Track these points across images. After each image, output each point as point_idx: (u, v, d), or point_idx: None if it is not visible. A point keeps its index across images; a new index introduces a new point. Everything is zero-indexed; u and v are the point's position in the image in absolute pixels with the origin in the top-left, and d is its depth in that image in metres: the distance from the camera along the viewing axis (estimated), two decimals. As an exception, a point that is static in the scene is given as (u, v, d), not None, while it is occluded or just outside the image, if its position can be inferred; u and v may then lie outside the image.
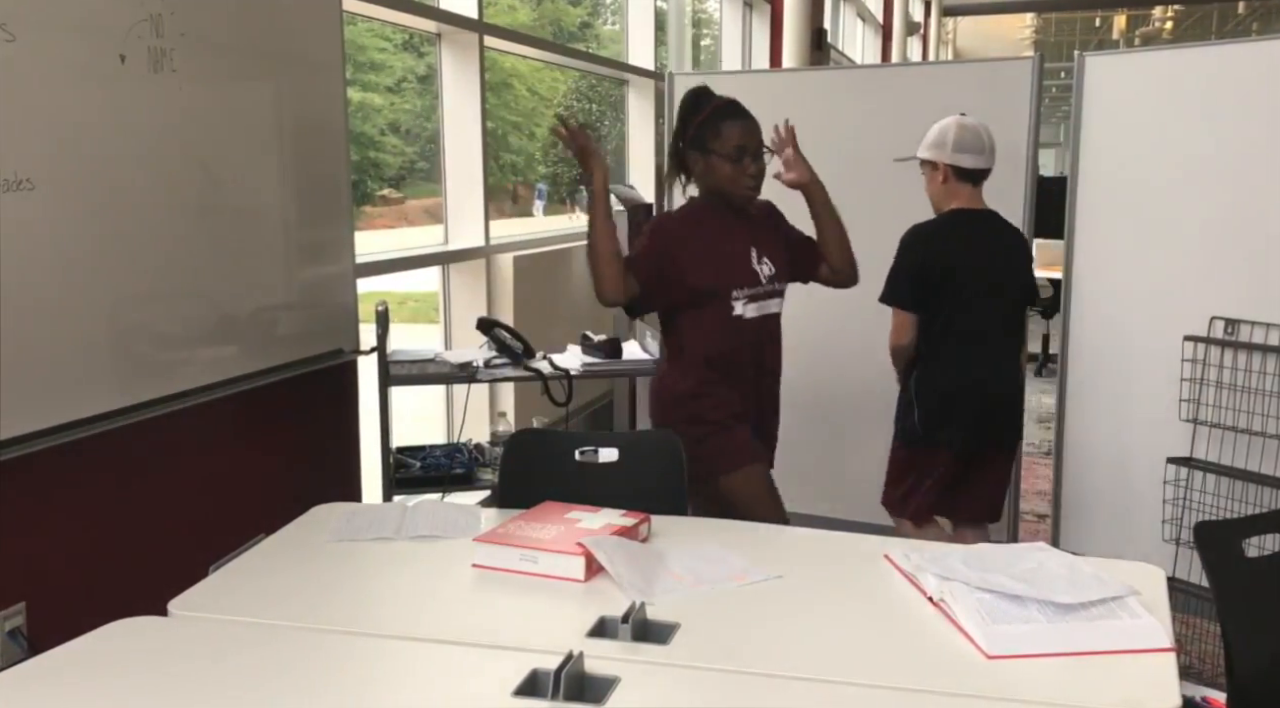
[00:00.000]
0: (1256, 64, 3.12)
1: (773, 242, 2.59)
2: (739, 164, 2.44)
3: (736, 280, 2.50)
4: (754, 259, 2.53)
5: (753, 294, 2.52)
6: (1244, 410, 3.12)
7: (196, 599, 1.67)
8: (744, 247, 2.53)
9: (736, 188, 2.48)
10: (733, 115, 2.48)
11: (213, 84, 2.43)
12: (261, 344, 2.67)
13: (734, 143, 2.44)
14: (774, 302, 2.57)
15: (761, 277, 2.53)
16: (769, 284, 2.54)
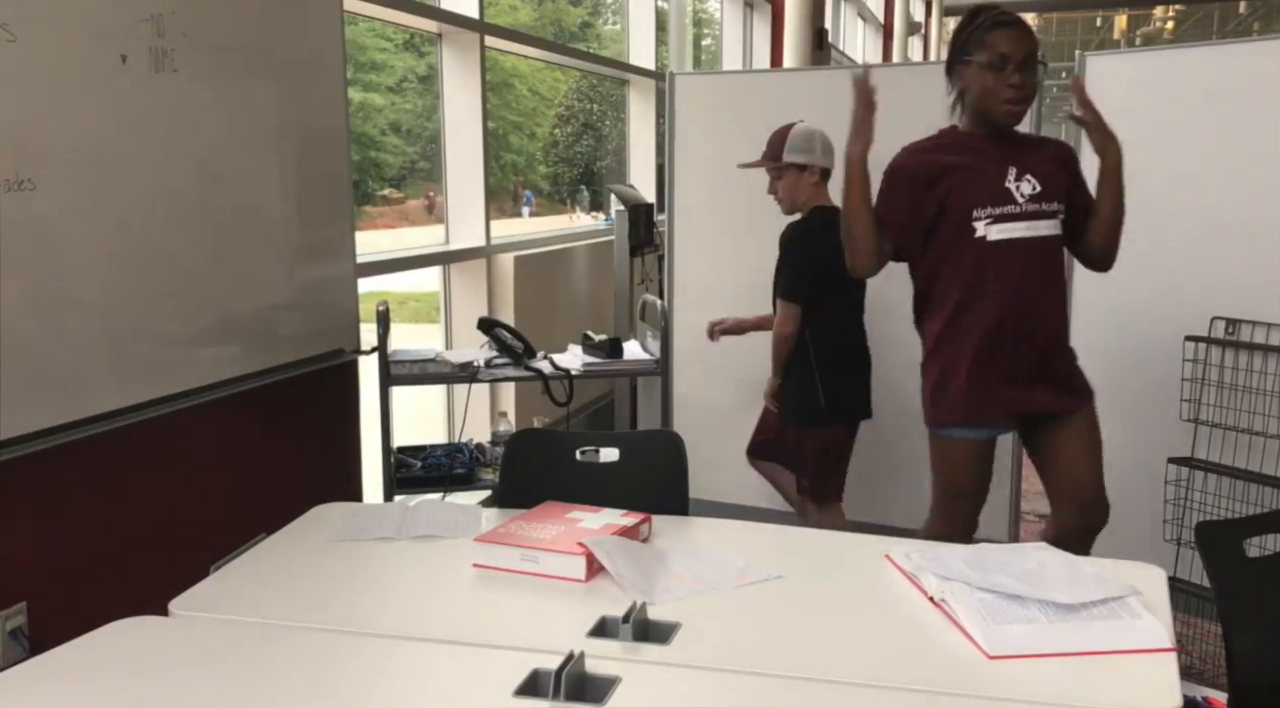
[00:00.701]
0: (1258, 64, 3.12)
1: (1045, 167, 2.36)
2: (1000, 73, 2.27)
3: (985, 199, 2.32)
4: (1010, 176, 2.32)
5: (1003, 214, 2.31)
6: (1245, 410, 3.12)
7: (198, 599, 1.67)
8: (997, 165, 2.33)
9: (994, 101, 2.30)
10: (1001, 24, 2.31)
11: (214, 84, 2.43)
12: (262, 344, 2.68)
13: (997, 50, 2.28)
14: (1043, 223, 2.33)
15: (1016, 195, 2.31)
16: (1029, 203, 2.31)
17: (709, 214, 4.04)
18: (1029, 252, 2.33)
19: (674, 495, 2.19)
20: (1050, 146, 2.44)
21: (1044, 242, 2.35)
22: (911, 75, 3.91)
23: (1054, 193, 2.35)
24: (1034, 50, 2.30)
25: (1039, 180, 2.33)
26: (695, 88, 4.06)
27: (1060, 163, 2.41)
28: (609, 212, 5.53)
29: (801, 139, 3.11)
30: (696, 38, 8.25)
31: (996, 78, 2.28)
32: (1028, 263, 2.33)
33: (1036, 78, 2.31)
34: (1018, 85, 2.27)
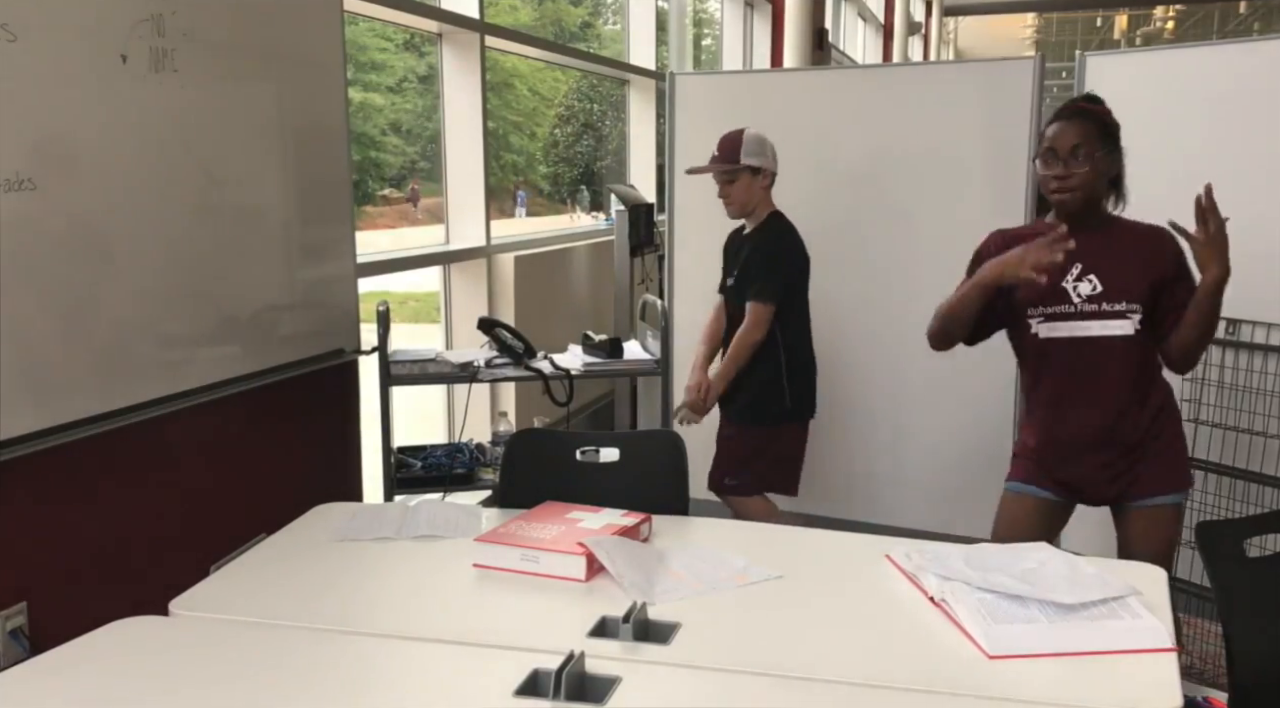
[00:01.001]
0: (1258, 64, 3.12)
1: (1117, 262, 2.30)
2: (1047, 165, 2.29)
3: (1038, 298, 2.30)
4: (1071, 275, 2.30)
5: (1055, 313, 2.30)
6: (1245, 410, 3.11)
7: (198, 599, 1.67)
8: (1063, 262, 2.25)
9: (1045, 192, 2.32)
10: (1056, 117, 2.33)
11: (214, 84, 2.43)
12: (263, 344, 2.67)
13: (1045, 144, 2.31)
14: (1096, 324, 2.29)
15: (1071, 295, 2.29)
16: (1085, 304, 2.29)
17: (709, 214, 4.03)
18: (1084, 351, 2.31)
19: (674, 495, 2.19)
20: (1145, 241, 2.33)
21: (1101, 343, 2.29)
22: (913, 75, 3.92)
23: (1122, 293, 2.28)
24: (1085, 141, 2.27)
25: (1103, 279, 2.29)
26: (695, 88, 4.06)
27: (1149, 259, 2.31)
28: (609, 212, 5.53)
29: (755, 143, 3.12)
30: (697, 38, 8.25)
31: (1044, 169, 2.31)
32: (1083, 362, 2.31)
33: (1087, 167, 2.27)
34: (1060, 176, 2.27)
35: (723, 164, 3.12)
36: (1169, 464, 2.36)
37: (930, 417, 3.74)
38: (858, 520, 3.81)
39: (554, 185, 6.32)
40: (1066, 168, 2.26)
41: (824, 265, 3.90)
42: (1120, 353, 2.29)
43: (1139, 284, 2.28)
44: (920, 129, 3.67)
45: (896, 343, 3.76)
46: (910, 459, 3.69)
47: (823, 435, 3.93)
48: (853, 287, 3.84)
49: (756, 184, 3.12)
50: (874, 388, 3.82)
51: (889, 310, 3.78)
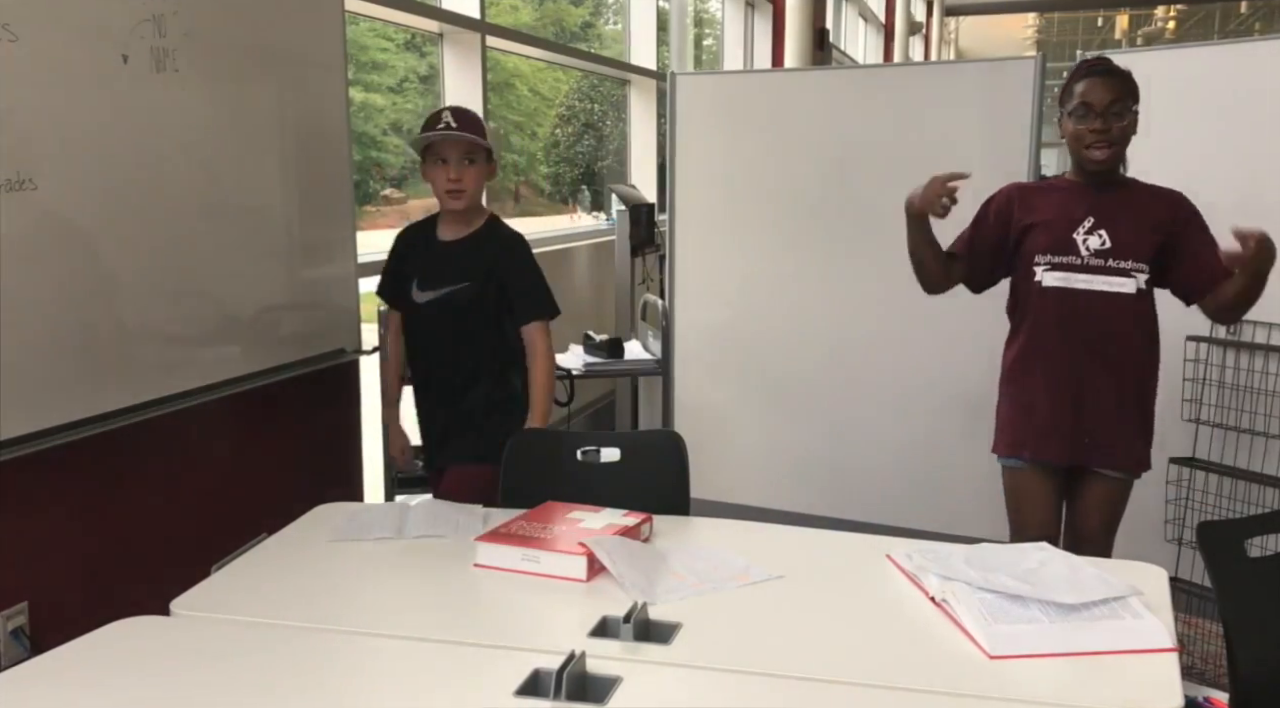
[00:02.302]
0: (1259, 64, 3.12)
1: (1129, 221, 2.33)
2: (1083, 120, 2.30)
3: (1048, 246, 2.36)
4: (1082, 228, 2.33)
5: (1062, 263, 2.34)
6: (1246, 410, 3.11)
7: (199, 599, 1.67)
8: (1074, 214, 2.35)
9: (1079, 147, 2.33)
10: (1089, 73, 2.34)
11: (215, 84, 2.43)
12: (263, 344, 2.68)
13: (1078, 100, 2.31)
14: (1101, 279, 2.31)
15: (1080, 247, 2.33)
16: (1093, 258, 2.32)
17: (710, 214, 4.04)
18: (1080, 304, 2.34)
19: (675, 495, 2.19)
20: (1162, 203, 2.36)
21: (1106, 298, 2.32)
22: (914, 75, 3.92)
23: (1129, 251, 2.31)
24: (1120, 97, 2.30)
25: (1113, 236, 2.32)
26: (696, 88, 4.06)
27: (1160, 222, 2.33)
28: (610, 212, 5.53)
29: (491, 130, 2.63)
30: (698, 38, 8.25)
31: (1079, 125, 2.32)
32: (1076, 316, 2.34)
33: (1125, 122, 2.31)
34: (1100, 130, 2.29)
35: (478, 137, 2.47)
36: (1129, 440, 2.39)
37: (931, 416, 3.74)
38: (858, 520, 3.81)
39: (555, 185, 6.32)
40: (1105, 122, 2.29)
41: (825, 265, 3.90)
42: (1115, 311, 2.33)
43: (1147, 245, 2.31)
44: (921, 129, 3.67)
45: (898, 343, 3.76)
46: (911, 459, 3.69)
47: (823, 435, 3.93)
48: (853, 286, 3.84)
49: (487, 174, 2.55)
50: (874, 388, 3.82)
51: (891, 310, 3.78)
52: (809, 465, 3.98)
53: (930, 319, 3.33)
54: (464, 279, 2.50)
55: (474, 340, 2.53)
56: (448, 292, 2.51)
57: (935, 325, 3.50)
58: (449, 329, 2.53)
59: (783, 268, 3.94)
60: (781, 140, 3.89)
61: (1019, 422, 2.45)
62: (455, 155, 2.44)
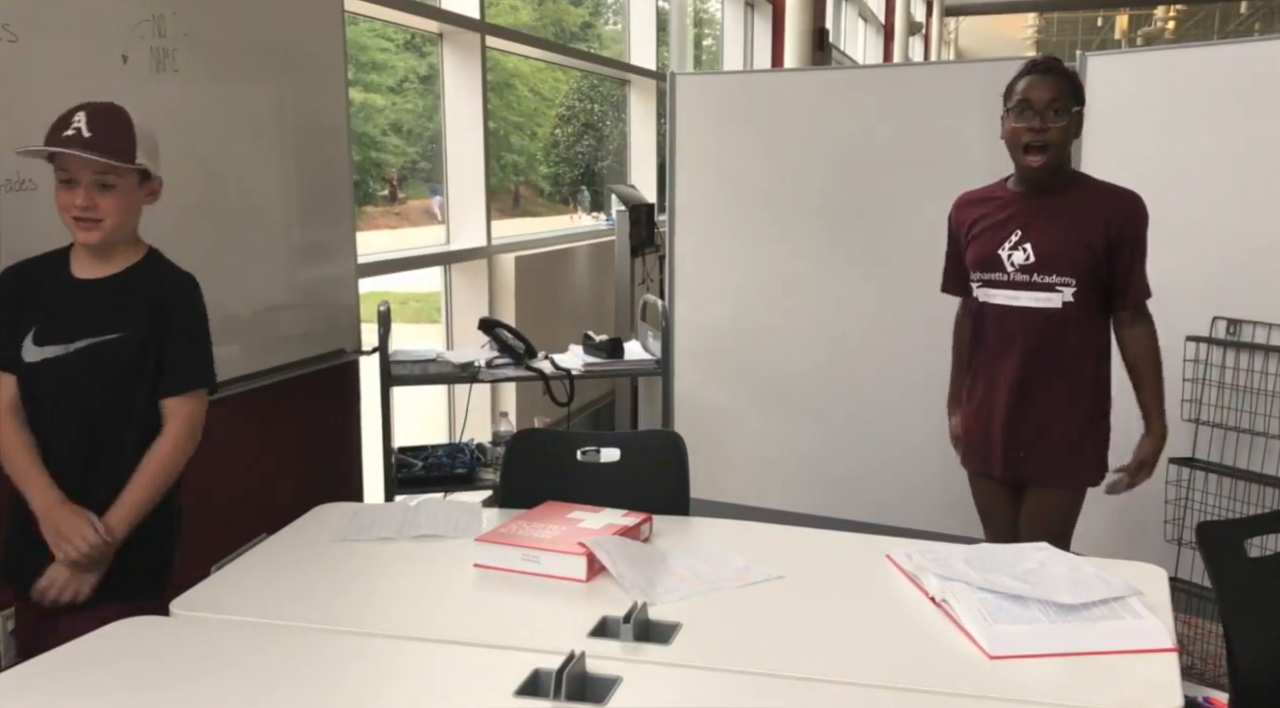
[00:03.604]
0: (1259, 64, 3.12)
1: (1056, 231, 2.28)
2: (1021, 118, 2.24)
3: (976, 263, 2.35)
4: (1008, 243, 2.30)
5: (991, 280, 2.33)
6: (1246, 411, 3.11)
7: (199, 599, 1.67)
8: (1003, 228, 2.31)
9: (1016, 147, 2.28)
10: (1031, 71, 2.28)
11: (215, 84, 2.43)
12: (264, 344, 2.67)
13: (1018, 97, 2.27)
14: (1027, 295, 2.29)
15: (1005, 264, 2.30)
16: (1018, 274, 2.29)
17: (710, 214, 4.04)
18: (1018, 321, 2.32)
19: (675, 495, 2.18)
20: (1102, 205, 2.28)
21: (1034, 314, 2.29)
22: (914, 75, 3.92)
23: (1054, 265, 2.26)
24: (1060, 96, 2.24)
25: (1037, 249, 2.27)
26: (696, 88, 4.06)
27: (1095, 225, 2.26)
28: (610, 212, 5.53)
29: (151, 140, 1.86)
30: (697, 38, 8.25)
31: (1015, 123, 2.27)
32: (1020, 334, 2.32)
33: (1064, 122, 2.24)
34: (1038, 128, 2.22)
35: (107, 156, 1.76)
36: (1064, 456, 2.36)
37: (931, 417, 3.74)
38: (858, 520, 3.81)
39: (555, 186, 6.32)
40: (1043, 121, 2.24)
41: (826, 266, 3.90)
42: (1044, 327, 2.30)
43: (1074, 256, 2.26)
44: (921, 129, 3.67)
45: (898, 343, 3.76)
46: (910, 459, 3.69)
47: (822, 436, 3.94)
48: (853, 286, 3.84)
49: (140, 197, 1.87)
50: (874, 388, 3.82)
51: (891, 310, 3.78)
52: (809, 466, 3.97)
53: (929, 320, 3.33)
54: (110, 329, 1.82)
55: (116, 419, 1.85)
56: (84, 346, 1.81)
57: (934, 326, 3.50)
58: (78, 402, 1.83)
59: (783, 268, 3.95)
60: (781, 141, 3.89)
61: (966, 434, 2.51)
62: (87, 177, 1.76)
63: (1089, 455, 2.38)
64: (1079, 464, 2.38)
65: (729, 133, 3.97)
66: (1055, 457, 2.35)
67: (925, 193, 3.73)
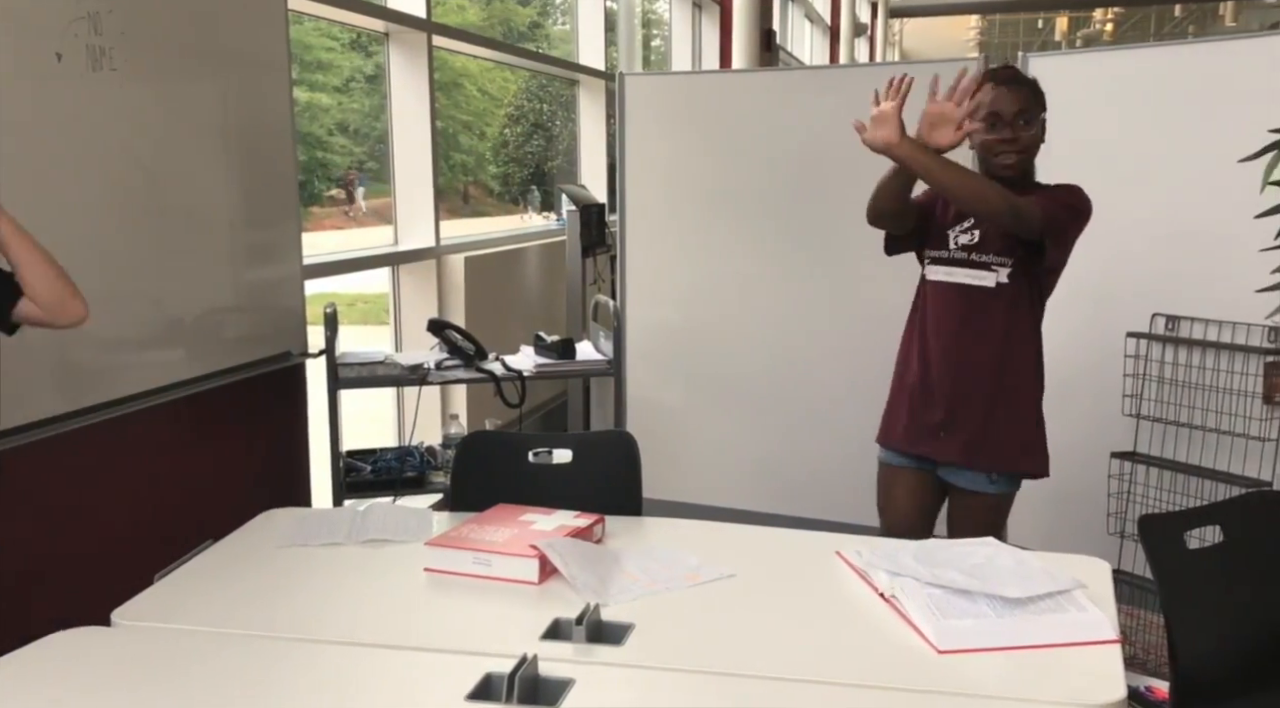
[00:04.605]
0: (1194, 65, 3.19)
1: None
2: (993, 130, 2.33)
3: (929, 240, 2.45)
4: (959, 226, 2.40)
5: (936, 257, 2.43)
6: (1185, 405, 3.18)
7: (141, 608, 1.64)
8: (959, 212, 2.41)
9: (989, 156, 2.37)
10: (992, 82, 2.36)
11: (155, 83, 2.39)
12: (207, 347, 2.63)
13: (988, 109, 2.34)
14: (963, 272, 2.38)
15: (950, 242, 2.41)
16: (959, 251, 2.39)
17: (661, 214, 4.05)
18: (955, 298, 2.39)
19: (627, 496, 2.19)
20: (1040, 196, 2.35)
21: (970, 291, 2.37)
22: (860, 76, 3.95)
23: (992, 245, 2.35)
24: (1028, 106, 2.33)
25: (982, 232, 2.37)
26: (645, 88, 4.06)
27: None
28: (560, 212, 5.52)
29: None
30: (646, 38, 8.26)
31: (990, 134, 2.35)
32: (952, 309, 2.40)
33: (1033, 130, 2.34)
34: (1008, 139, 2.33)
35: None
36: (992, 442, 2.38)
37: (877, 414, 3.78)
38: (810, 518, 3.84)
39: (505, 186, 6.29)
40: (1013, 131, 2.33)
41: (776, 265, 3.93)
42: (976, 306, 2.36)
43: (1013, 238, 2.33)
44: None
45: (847, 340, 3.79)
46: (860, 456, 3.72)
47: (774, 434, 3.96)
48: (803, 285, 3.87)
49: None
50: (824, 385, 3.85)
51: (839, 308, 3.81)
52: (760, 464, 4.00)
53: (878, 317, 3.36)
54: None
55: None
56: None
57: (884, 323, 3.53)
58: None
59: (733, 267, 3.96)
60: (730, 141, 3.91)
61: (890, 410, 2.54)
62: None
63: (1018, 440, 2.40)
64: (1007, 447, 2.39)
65: (679, 133, 3.98)
66: (981, 436, 2.38)
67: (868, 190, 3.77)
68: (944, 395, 2.41)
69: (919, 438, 2.45)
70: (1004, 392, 2.39)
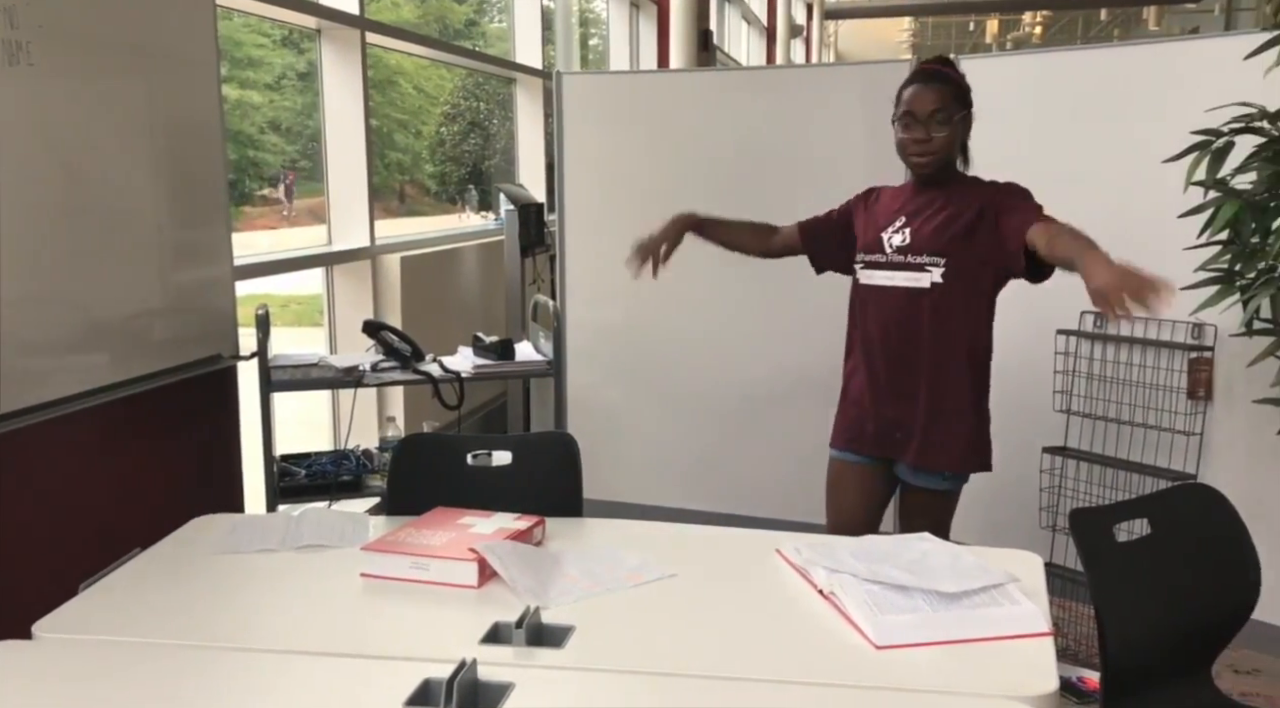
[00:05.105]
0: (1119, 68, 3.27)
1: (932, 217, 2.37)
2: (907, 129, 2.36)
3: (863, 245, 2.46)
4: (891, 227, 2.42)
5: (872, 262, 2.44)
6: (1113, 401, 3.26)
7: (64, 620, 1.59)
8: (890, 213, 2.44)
9: (905, 154, 2.39)
10: (912, 80, 2.38)
11: (76, 79, 2.32)
12: (134, 351, 2.56)
13: (904, 107, 2.36)
14: (901, 275, 2.38)
15: (885, 245, 2.41)
16: (895, 254, 2.40)
17: (600, 214, 4.04)
18: (896, 301, 2.41)
19: (568, 497, 2.17)
20: (978, 195, 2.37)
21: (906, 294, 2.39)
22: (796, 77, 3.98)
23: (925, 246, 2.36)
24: (944, 105, 2.32)
25: (914, 233, 2.39)
26: (583, 87, 4.05)
27: (970, 213, 2.34)
28: (499, 211, 5.48)
29: None
30: (583, 37, 8.24)
31: (906, 132, 2.36)
32: (893, 312, 2.42)
33: (946, 132, 2.33)
34: (921, 140, 2.33)
35: None
36: (943, 437, 2.41)
37: (820, 413, 3.81)
38: (751, 516, 3.86)
39: (441, 185, 6.23)
40: (927, 132, 2.33)
41: (714, 265, 3.93)
42: (914, 307, 2.39)
43: (946, 238, 2.36)
44: (804, 129, 3.74)
45: (785, 339, 3.82)
46: (799, 454, 3.75)
47: (715, 433, 3.97)
48: (742, 285, 3.88)
49: None
50: (763, 384, 3.88)
51: (777, 307, 3.84)
52: (701, 463, 4.01)
53: (816, 318, 3.39)
54: None
55: None
56: None
57: (821, 324, 3.56)
58: None
59: (673, 268, 3.96)
60: (668, 140, 3.91)
61: (841, 414, 2.57)
62: None
63: (965, 438, 2.43)
64: (964, 447, 2.43)
65: (617, 132, 3.97)
66: (931, 436, 2.41)
67: (810, 192, 3.80)
68: (893, 400, 2.43)
69: (872, 443, 2.48)
70: (952, 391, 2.42)
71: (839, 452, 2.56)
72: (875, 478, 2.51)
